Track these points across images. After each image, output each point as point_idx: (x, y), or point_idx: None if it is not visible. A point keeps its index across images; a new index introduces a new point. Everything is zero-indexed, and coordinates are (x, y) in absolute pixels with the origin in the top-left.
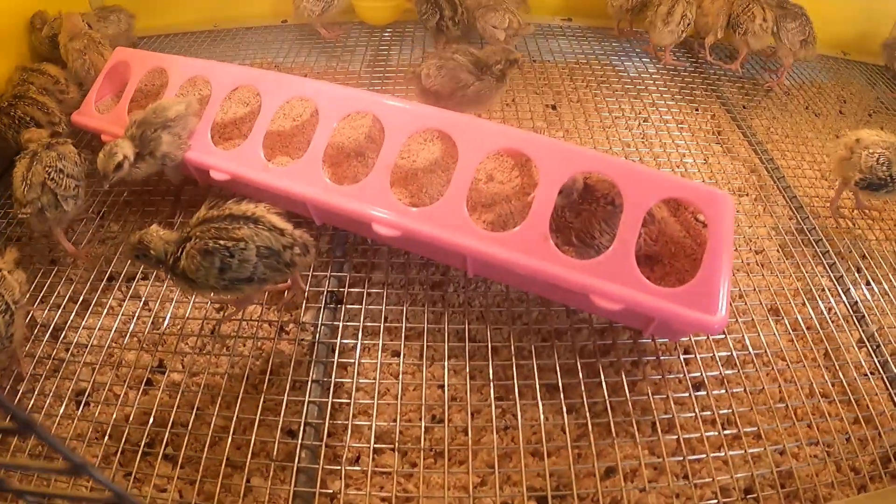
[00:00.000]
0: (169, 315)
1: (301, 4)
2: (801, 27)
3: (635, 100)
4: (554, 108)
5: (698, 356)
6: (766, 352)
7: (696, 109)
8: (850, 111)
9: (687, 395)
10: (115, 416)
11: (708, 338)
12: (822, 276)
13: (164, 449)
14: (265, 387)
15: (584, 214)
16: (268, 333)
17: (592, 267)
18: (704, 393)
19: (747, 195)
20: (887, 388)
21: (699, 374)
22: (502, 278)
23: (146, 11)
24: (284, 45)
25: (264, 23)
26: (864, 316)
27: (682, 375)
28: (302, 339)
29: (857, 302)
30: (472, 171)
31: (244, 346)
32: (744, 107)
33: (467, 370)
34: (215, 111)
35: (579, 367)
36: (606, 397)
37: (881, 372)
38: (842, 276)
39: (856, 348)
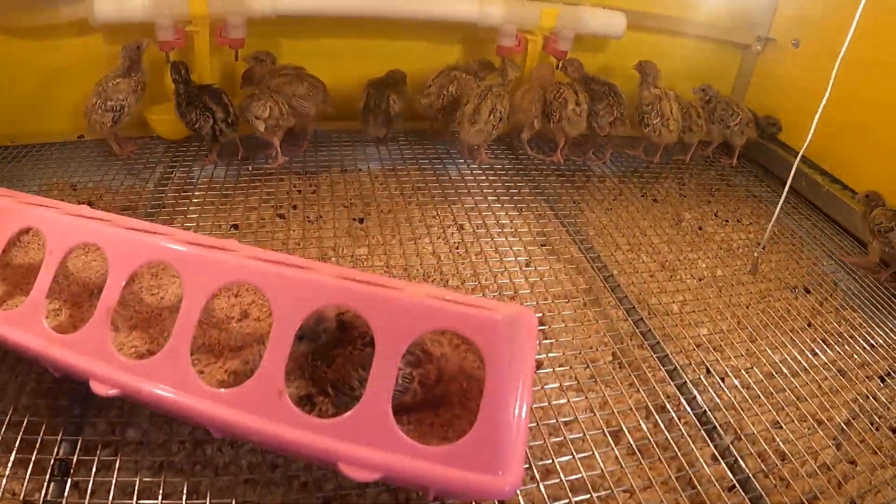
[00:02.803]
0: None
1: (91, 117)
2: (609, 107)
3: (454, 205)
4: (361, 221)
5: None
6: (607, 480)
7: (520, 210)
8: (691, 191)
9: None
10: None
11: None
12: (663, 383)
13: None
14: None
15: (339, 360)
16: None
17: (339, 427)
18: None
19: (575, 300)
20: None
21: None
22: (250, 440)
23: None
24: (84, 163)
25: (63, 138)
26: (714, 427)
27: None
28: None
29: (704, 411)
30: (197, 313)
31: None
32: (574, 202)
33: None
34: None
35: None
36: None
37: (742, 492)
38: (685, 384)
39: (711, 464)
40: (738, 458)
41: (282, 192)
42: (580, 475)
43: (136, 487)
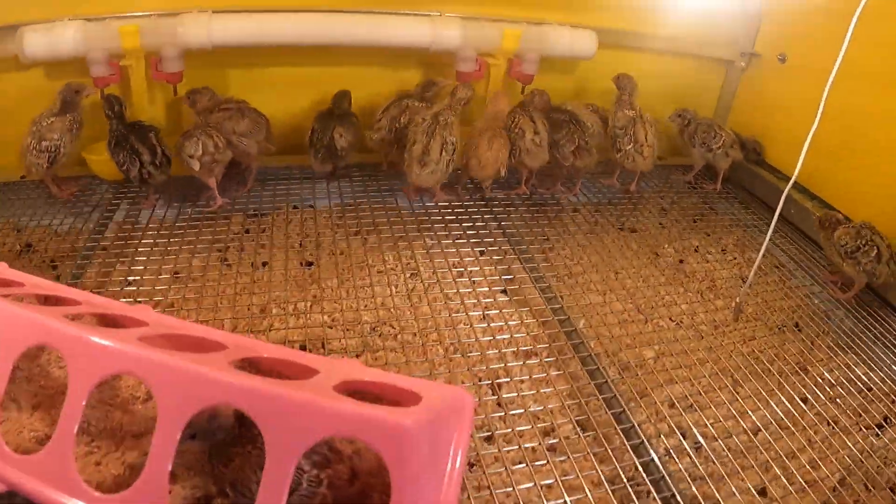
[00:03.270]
0: None
1: (27, 158)
2: (570, 135)
3: (410, 246)
4: (310, 265)
5: None
6: None
7: (482, 251)
8: (673, 219)
9: None
10: None
11: None
12: (628, 461)
13: None
14: None
15: (237, 461)
16: None
17: None
18: None
19: (536, 357)
20: None
21: None
22: None
23: None
24: (27, 204)
25: (6, 178)
26: None
27: None
28: None
29: (673, 495)
30: (80, 406)
31: None
32: (544, 238)
33: None
34: None
35: None
36: None
37: None
38: (651, 461)
39: None
40: None
41: (229, 234)
42: None
43: None
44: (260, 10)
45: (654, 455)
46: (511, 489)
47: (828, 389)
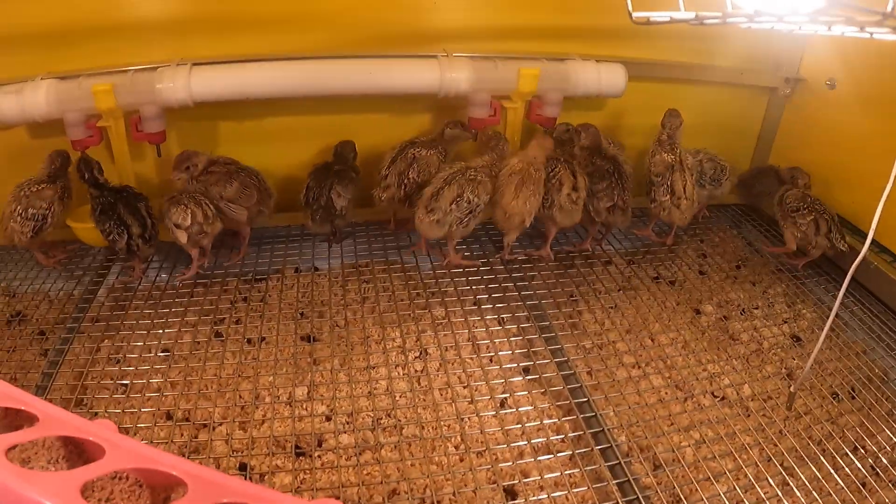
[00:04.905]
0: None
1: (9, 224)
2: (610, 191)
3: (420, 318)
4: (311, 340)
5: None
6: None
7: (501, 321)
8: (713, 266)
9: None
10: None
11: None
12: None
13: None
14: None
15: None
16: None
17: None
18: None
19: (560, 454)
20: None
21: None
22: None
23: None
24: (20, 267)
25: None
26: None
27: None
28: None
29: None
30: None
31: None
32: (570, 299)
33: None
34: None
35: None
36: None
37: None
38: None
39: None
40: None
41: (224, 302)
42: None
43: None
44: (247, 59)
45: None
46: None
47: (891, 470)
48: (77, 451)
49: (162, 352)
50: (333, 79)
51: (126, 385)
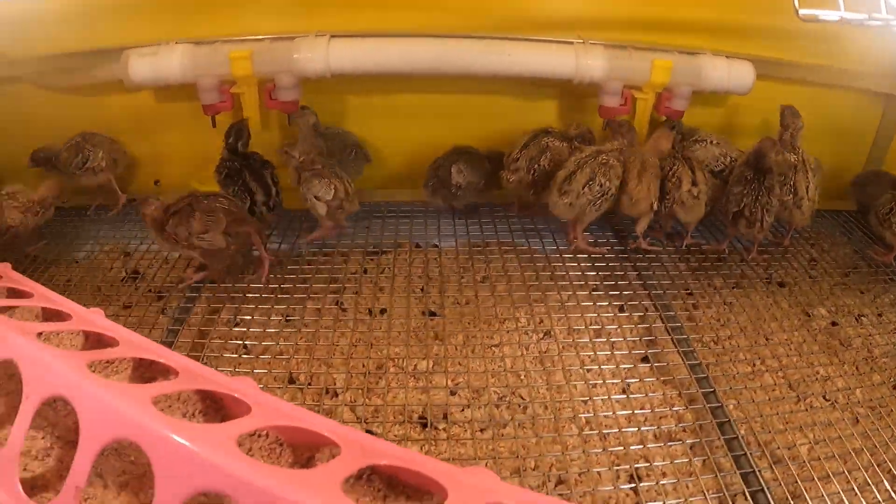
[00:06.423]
0: None
1: None
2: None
3: (543, 300)
4: (433, 315)
5: None
6: None
7: (621, 308)
8: (822, 272)
9: None
10: None
11: None
12: None
13: None
14: None
15: None
16: None
17: None
18: None
19: (677, 442)
20: None
21: None
22: None
23: None
24: (140, 226)
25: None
26: None
27: None
28: None
29: None
30: None
31: None
32: (687, 293)
33: None
34: None
35: None
36: None
37: None
38: None
39: None
40: None
41: (346, 274)
42: None
43: None
44: (382, 33)
45: None
46: None
47: None
48: (215, 407)
49: (286, 317)
50: (471, 57)
51: (247, 347)
